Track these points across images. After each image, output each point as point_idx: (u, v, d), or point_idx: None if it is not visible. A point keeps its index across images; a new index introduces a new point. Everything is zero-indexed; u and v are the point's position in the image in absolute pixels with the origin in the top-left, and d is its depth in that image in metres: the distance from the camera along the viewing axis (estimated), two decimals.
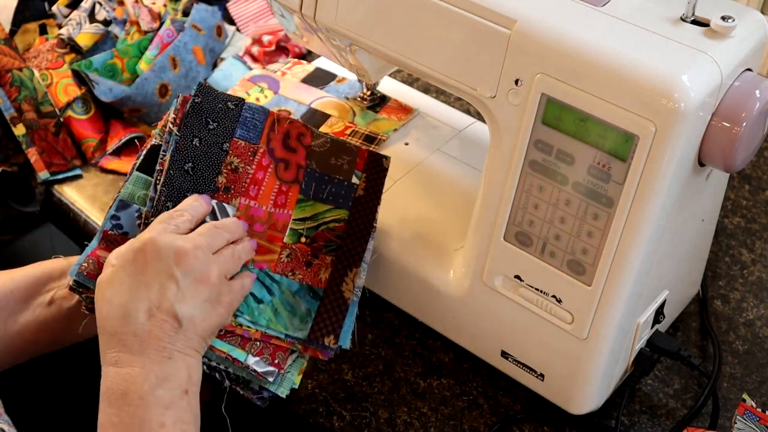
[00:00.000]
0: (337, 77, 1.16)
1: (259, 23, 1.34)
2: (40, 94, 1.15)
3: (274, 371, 0.85)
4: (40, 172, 1.13)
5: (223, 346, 0.84)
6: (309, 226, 0.91)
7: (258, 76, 1.16)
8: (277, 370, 0.85)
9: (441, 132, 1.10)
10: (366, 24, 0.90)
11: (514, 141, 0.82)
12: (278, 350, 0.86)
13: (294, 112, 1.10)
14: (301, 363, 0.88)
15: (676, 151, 0.74)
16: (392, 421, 0.93)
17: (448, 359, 0.98)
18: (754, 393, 0.95)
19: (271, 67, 1.21)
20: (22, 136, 1.13)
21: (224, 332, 0.85)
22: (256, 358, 0.85)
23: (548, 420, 0.93)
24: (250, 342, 0.85)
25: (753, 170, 1.22)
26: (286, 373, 0.86)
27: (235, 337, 0.85)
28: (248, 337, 0.85)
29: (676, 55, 0.75)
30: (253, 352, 0.85)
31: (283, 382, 0.86)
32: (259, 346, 0.86)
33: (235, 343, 0.84)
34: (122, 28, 1.26)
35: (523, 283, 0.87)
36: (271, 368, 0.85)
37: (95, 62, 1.20)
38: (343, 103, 1.11)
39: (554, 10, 0.79)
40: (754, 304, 1.05)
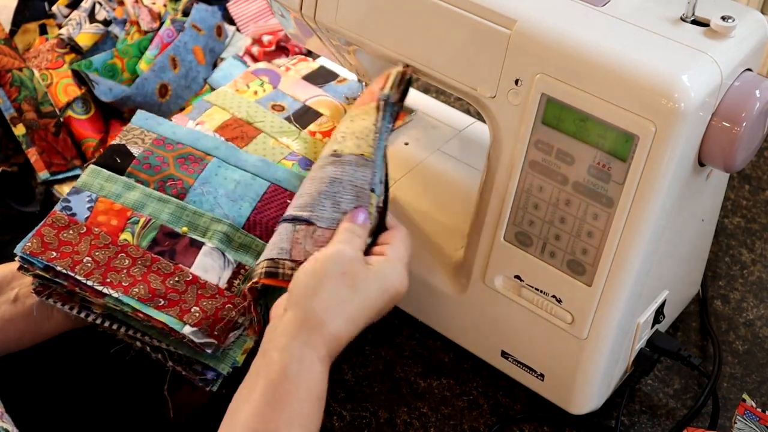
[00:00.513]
0: (338, 77, 1.17)
1: (259, 23, 1.34)
2: (40, 94, 1.15)
3: (212, 343, 0.83)
4: (40, 172, 1.13)
5: (161, 316, 0.83)
6: None
7: (262, 69, 1.16)
8: (216, 342, 0.83)
9: (441, 132, 1.10)
10: (366, 24, 0.90)
11: (514, 141, 0.82)
12: (218, 323, 0.84)
13: (288, 107, 1.10)
14: (245, 341, 0.86)
15: (676, 151, 0.74)
16: (392, 421, 0.93)
17: (448, 359, 0.98)
18: (754, 393, 0.95)
19: (277, 61, 1.21)
20: (22, 136, 1.13)
21: (163, 303, 0.84)
22: (193, 329, 0.83)
23: (548, 420, 0.93)
24: (189, 313, 0.84)
25: (753, 170, 1.22)
26: (228, 350, 0.84)
27: (173, 308, 0.84)
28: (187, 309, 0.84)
29: (676, 55, 0.75)
30: (191, 323, 0.83)
31: (225, 359, 0.84)
32: (198, 317, 0.84)
33: (173, 314, 0.83)
34: (122, 28, 1.26)
35: (523, 283, 0.87)
36: (209, 340, 0.83)
37: (95, 62, 1.20)
38: (337, 104, 1.11)
39: (554, 10, 0.79)
40: (754, 304, 1.05)
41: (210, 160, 0.92)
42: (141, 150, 0.92)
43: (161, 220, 0.88)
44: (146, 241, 0.87)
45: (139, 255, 0.86)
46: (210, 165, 0.92)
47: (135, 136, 0.93)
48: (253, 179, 0.91)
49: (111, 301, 0.83)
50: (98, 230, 0.86)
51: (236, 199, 0.90)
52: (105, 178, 0.90)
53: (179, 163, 0.91)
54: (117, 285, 0.84)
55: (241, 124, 1.06)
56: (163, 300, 0.84)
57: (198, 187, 0.90)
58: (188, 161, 0.92)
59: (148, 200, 0.89)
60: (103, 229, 0.87)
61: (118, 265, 0.85)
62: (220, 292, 0.85)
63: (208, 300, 0.85)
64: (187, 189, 0.90)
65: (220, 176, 0.91)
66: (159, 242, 0.87)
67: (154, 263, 0.86)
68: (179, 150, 0.92)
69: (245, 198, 0.90)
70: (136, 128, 0.94)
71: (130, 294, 0.83)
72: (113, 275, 0.84)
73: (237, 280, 0.87)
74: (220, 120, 1.07)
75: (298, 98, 1.12)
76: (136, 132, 0.94)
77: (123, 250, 0.86)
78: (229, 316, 0.85)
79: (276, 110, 1.09)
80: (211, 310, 0.84)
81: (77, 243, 0.86)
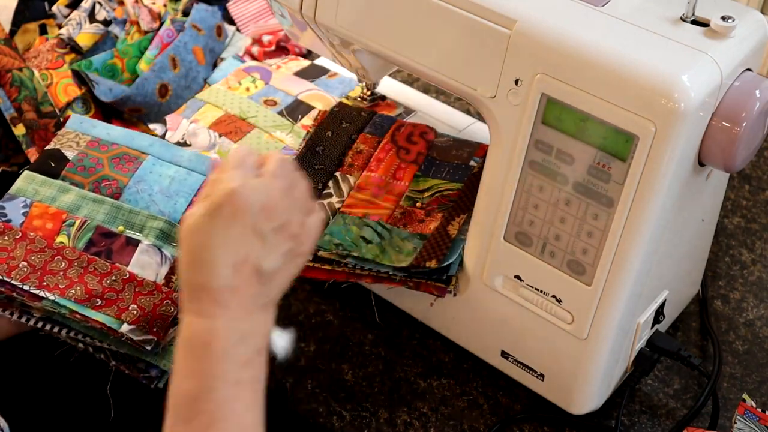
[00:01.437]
0: (329, 72, 1.17)
1: (259, 23, 1.34)
2: (40, 94, 1.15)
3: (152, 340, 0.83)
4: None
5: (98, 316, 0.83)
6: (425, 196, 0.97)
7: (253, 67, 1.17)
8: (155, 338, 0.83)
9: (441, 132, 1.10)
10: (366, 24, 0.90)
11: (514, 141, 0.82)
12: (157, 319, 0.84)
13: (281, 102, 1.10)
14: None
15: (676, 151, 0.74)
16: (392, 421, 0.93)
17: (448, 359, 0.98)
18: (754, 393, 0.95)
19: (269, 61, 1.22)
20: (22, 136, 1.13)
21: (100, 303, 0.84)
22: (131, 327, 0.83)
23: (548, 420, 0.93)
24: (127, 311, 0.84)
25: (753, 170, 1.22)
26: (170, 346, 0.84)
27: (111, 307, 0.84)
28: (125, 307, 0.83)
29: (676, 55, 0.75)
30: (128, 321, 0.83)
31: (166, 355, 0.84)
32: (136, 315, 0.84)
33: (111, 313, 0.84)
34: (122, 28, 1.25)
35: (523, 283, 0.87)
36: (148, 336, 0.83)
37: (95, 62, 1.20)
38: (329, 98, 1.12)
39: (554, 10, 0.79)
40: (754, 304, 1.05)
41: (145, 158, 0.93)
42: (75, 153, 0.92)
43: (97, 220, 0.88)
44: (82, 243, 0.87)
45: (76, 257, 0.86)
46: (145, 163, 0.92)
47: (69, 140, 0.94)
48: (188, 174, 0.92)
49: (48, 304, 0.84)
50: (33, 235, 0.87)
51: (171, 195, 0.90)
52: (39, 182, 0.90)
53: (114, 163, 0.92)
54: (53, 288, 0.84)
55: (234, 120, 1.07)
56: (101, 300, 0.84)
57: (133, 185, 0.90)
58: (123, 161, 0.92)
59: (83, 202, 0.89)
60: (39, 233, 0.87)
61: (55, 267, 0.85)
62: (158, 288, 0.86)
63: (146, 297, 0.85)
64: (122, 188, 0.90)
65: (155, 173, 0.92)
66: (95, 243, 0.88)
67: (90, 264, 0.86)
68: (114, 150, 0.93)
69: (180, 193, 0.91)
70: (70, 132, 0.95)
71: (67, 296, 0.84)
72: (50, 278, 0.84)
73: (174, 276, 0.88)
74: (213, 117, 1.07)
75: (291, 93, 1.12)
76: (70, 136, 0.94)
77: (59, 252, 0.86)
78: (167, 312, 0.85)
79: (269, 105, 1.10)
80: (149, 307, 0.85)
81: (13, 249, 0.86)
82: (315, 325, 1.01)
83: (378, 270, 0.91)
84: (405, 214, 0.96)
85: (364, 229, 0.94)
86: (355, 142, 1.03)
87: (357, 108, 1.08)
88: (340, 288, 1.02)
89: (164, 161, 0.93)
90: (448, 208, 0.96)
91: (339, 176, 0.99)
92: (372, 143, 1.02)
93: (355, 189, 0.98)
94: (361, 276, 0.92)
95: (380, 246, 0.92)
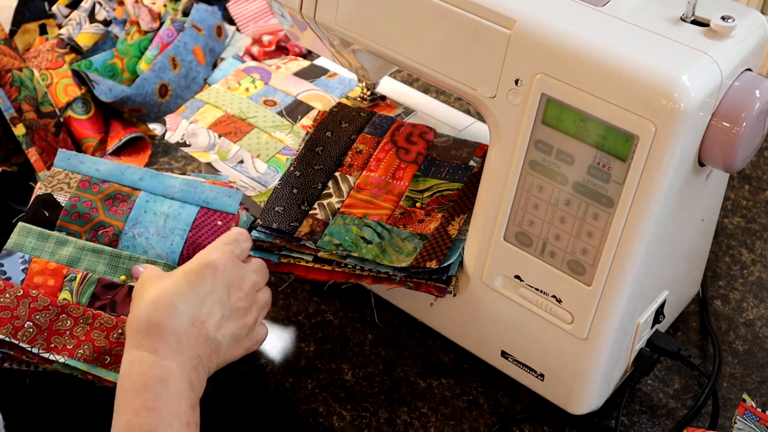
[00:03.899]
0: (328, 72, 1.17)
1: (259, 23, 1.34)
2: (40, 94, 1.15)
3: None
4: (40, 172, 1.13)
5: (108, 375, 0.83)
6: (425, 196, 0.97)
7: (252, 67, 1.17)
8: None
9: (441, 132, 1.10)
10: (366, 24, 0.90)
11: (514, 141, 0.82)
12: None
13: (280, 102, 1.10)
14: None
15: (676, 151, 0.74)
16: (392, 421, 0.93)
17: (448, 359, 0.98)
18: (754, 393, 0.95)
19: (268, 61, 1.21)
20: (22, 136, 1.13)
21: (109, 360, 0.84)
22: None
23: (548, 420, 0.93)
24: None
25: (753, 170, 1.22)
26: None
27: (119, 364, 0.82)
28: None
29: (676, 55, 0.75)
30: None
31: None
32: None
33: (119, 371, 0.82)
34: (122, 28, 1.26)
35: (523, 283, 0.87)
36: None
37: (95, 62, 1.20)
38: (329, 98, 1.12)
39: (554, 10, 0.79)
40: (754, 304, 1.05)
41: (137, 195, 0.91)
42: (67, 198, 0.91)
43: (98, 273, 0.87)
44: (86, 297, 0.86)
45: (80, 314, 0.85)
46: (138, 201, 0.91)
47: (60, 181, 0.92)
48: (182, 207, 0.91)
49: (59, 366, 0.83)
50: (36, 292, 0.85)
51: (167, 235, 0.90)
52: (36, 236, 0.89)
53: (107, 205, 0.90)
54: (62, 349, 0.83)
55: (234, 120, 1.06)
56: (109, 357, 0.84)
57: (128, 230, 0.90)
58: (116, 201, 0.91)
59: (82, 254, 0.88)
60: (41, 290, 0.86)
61: (61, 327, 0.84)
62: None
63: None
64: (119, 234, 0.89)
65: (149, 212, 0.91)
66: (99, 296, 0.87)
67: (96, 319, 0.85)
68: (105, 190, 0.91)
69: (176, 231, 0.90)
70: (59, 172, 0.93)
71: (76, 356, 0.83)
72: (57, 339, 0.84)
73: None
74: (213, 117, 1.07)
75: (290, 93, 1.12)
76: (60, 176, 0.92)
77: (64, 310, 0.85)
78: None
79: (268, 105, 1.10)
80: None
81: (15, 307, 0.84)
82: (315, 325, 1.01)
83: (378, 270, 0.91)
84: (405, 214, 0.96)
85: (363, 229, 0.94)
86: (355, 142, 1.03)
87: (356, 108, 1.08)
88: (340, 288, 1.02)
89: (156, 195, 0.92)
90: (448, 208, 0.96)
91: (339, 176, 0.99)
92: (371, 143, 1.02)
93: (354, 189, 0.98)
94: (361, 277, 0.92)
95: (380, 246, 0.92)
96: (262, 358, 0.98)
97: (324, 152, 1.01)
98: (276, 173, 1.00)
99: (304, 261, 0.93)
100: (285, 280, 1.02)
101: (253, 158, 1.02)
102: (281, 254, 0.93)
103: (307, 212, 0.96)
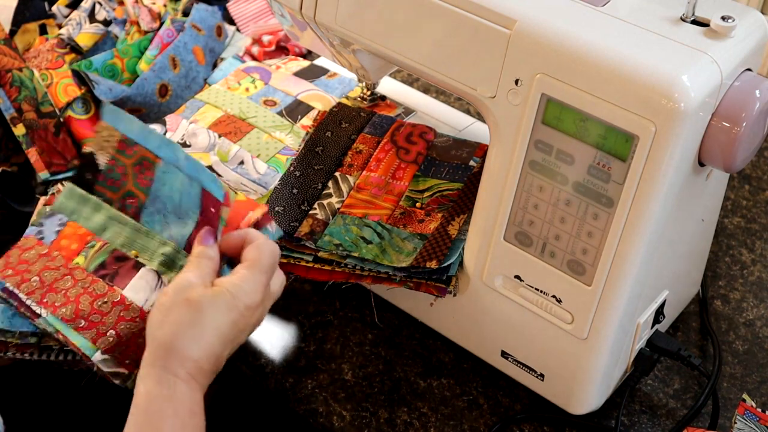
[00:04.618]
0: (328, 72, 1.17)
1: (259, 23, 1.34)
2: (40, 94, 1.15)
3: (121, 373, 0.82)
4: (40, 172, 1.13)
5: (77, 338, 0.82)
6: (425, 196, 0.98)
7: (252, 67, 1.17)
8: (126, 371, 0.83)
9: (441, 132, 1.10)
10: (366, 24, 0.90)
11: (514, 141, 0.82)
12: (132, 349, 0.83)
13: (280, 102, 1.10)
14: None
15: (676, 151, 0.74)
16: (392, 421, 0.93)
17: (448, 359, 0.98)
18: (754, 393, 0.95)
19: (268, 61, 1.22)
20: (22, 136, 1.13)
21: (83, 324, 0.83)
22: (104, 356, 0.82)
23: (548, 420, 0.93)
24: (104, 337, 0.83)
25: (753, 170, 1.22)
26: None
27: (90, 330, 0.83)
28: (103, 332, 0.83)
29: (676, 55, 0.75)
30: (102, 348, 0.82)
31: None
32: (112, 342, 0.82)
33: (88, 337, 0.83)
34: (122, 28, 1.25)
35: (523, 283, 0.87)
36: (118, 369, 0.82)
37: (95, 62, 1.20)
38: (329, 98, 1.12)
39: (554, 10, 0.79)
40: (754, 304, 1.05)
41: (157, 164, 0.90)
42: (106, 160, 0.90)
43: (116, 244, 0.88)
44: (94, 265, 0.86)
45: (82, 278, 0.86)
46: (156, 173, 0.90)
47: (103, 139, 0.91)
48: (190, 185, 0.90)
49: (42, 322, 0.83)
50: (56, 253, 0.87)
51: (182, 216, 0.89)
52: (77, 199, 0.90)
53: (136, 172, 0.90)
54: (50, 305, 0.84)
55: (234, 120, 1.07)
56: (84, 321, 0.83)
57: (149, 204, 0.89)
58: (143, 168, 0.90)
59: (110, 223, 0.88)
60: (62, 252, 0.87)
61: (60, 286, 0.85)
62: (141, 316, 0.84)
63: (127, 323, 0.84)
64: (141, 208, 0.89)
65: (167, 186, 0.90)
66: (106, 266, 0.87)
67: (91, 285, 0.85)
68: (136, 155, 0.91)
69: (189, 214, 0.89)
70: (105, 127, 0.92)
71: (57, 314, 0.83)
72: (51, 296, 0.84)
73: None
74: (213, 117, 1.07)
75: (290, 93, 1.13)
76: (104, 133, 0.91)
77: (70, 272, 0.86)
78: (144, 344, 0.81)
79: (268, 105, 1.10)
80: (128, 336, 0.83)
81: (33, 263, 0.86)
82: (315, 325, 1.01)
83: (378, 270, 0.91)
84: (405, 214, 0.96)
85: (363, 229, 0.94)
86: (355, 142, 1.03)
87: (356, 108, 1.08)
88: (340, 288, 1.02)
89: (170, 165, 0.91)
90: (448, 208, 0.96)
91: (339, 176, 0.99)
92: (371, 143, 1.02)
93: (354, 189, 0.98)
94: (361, 277, 0.92)
95: (380, 246, 0.92)
96: (262, 358, 0.98)
97: (324, 152, 1.01)
98: (276, 173, 1.00)
99: (304, 261, 0.93)
100: None
101: (253, 158, 1.02)
102: (281, 254, 0.93)
103: (307, 212, 0.96)
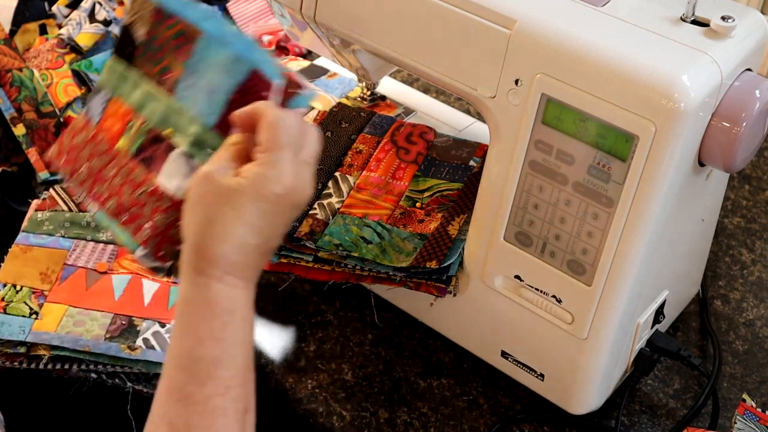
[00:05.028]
0: (328, 72, 1.17)
1: (259, 23, 1.34)
2: (40, 94, 1.15)
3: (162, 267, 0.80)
4: (40, 172, 1.13)
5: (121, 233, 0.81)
6: (425, 196, 0.98)
7: None
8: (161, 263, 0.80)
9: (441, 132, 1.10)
10: (366, 24, 0.90)
11: (514, 141, 0.82)
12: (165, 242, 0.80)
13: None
14: None
15: (676, 151, 0.74)
16: (392, 421, 0.93)
17: (448, 359, 0.98)
18: (754, 393, 0.95)
19: None
20: (22, 136, 1.13)
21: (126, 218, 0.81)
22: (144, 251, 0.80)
23: (548, 420, 0.93)
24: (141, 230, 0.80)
25: (753, 170, 1.22)
26: None
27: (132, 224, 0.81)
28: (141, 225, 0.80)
29: (676, 55, 0.75)
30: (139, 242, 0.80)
31: None
32: (147, 235, 0.80)
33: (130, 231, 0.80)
34: None
35: (523, 283, 0.87)
36: (157, 264, 0.80)
37: (95, 62, 1.20)
38: (329, 98, 1.12)
39: (554, 10, 0.79)
40: (754, 304, 1.05)
41: (198, 37, 0.84)
42: (143, 32, 0.86)
43: (152, 122, 0.83)
44: (135, 147, 0.83)
45: (123, 164, 0.83)
46: (196, 47, 0.84)
47: (136, 9, 0.87)
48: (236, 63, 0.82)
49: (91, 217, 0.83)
50: (102, 136, 0.84)
51: (215, 90, 0.82)
52: (119, 75, 0.86)
53: (173, 46, 0.85)
54: (98, 197, 0.83)
55: None
56: (127, 215, 0.81)
57: (185, 78, 0.84)
58: (180, 42, 0.85)
59: (148, 98, 0.85)
60: (107, 134, 0.84)
61: (105, 174, 0.83)
62: (174, 206, 0.79)
63: (162, 215, 0.80)
64: (177, 82, 0.84)
65: (208, 61, 0.83)
66: (144, 148, 0.83)
67: (131, 173, 0.82)
68: (174, 27, 0.86)
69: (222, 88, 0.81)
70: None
71: (105, 209, 0.82)
72: (98, 186, 0.83)
73: None
74: None
75: None
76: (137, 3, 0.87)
77: (113, 158, 0.83)
78: (176, 236, 0.78)
79: None
80: (162, 227, 0.79)
81: (83, 148, 0.84)
82: (315, 325, 1.01)
83: (378, 270, 0.91)
84: (405, 214, 0.96)
85: (363, 229, 0.94)
86: (355, 142, 1.03)
87: (356, 108, 1.08)
88: (340, 288, 1.02)
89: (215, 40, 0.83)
90: (448, 208, 0.96)
91: (338, 176, 0.99)
92: (371, 143, 1.02)
93: (354, 189, 0.98)
94: (361, 277, 0.92)
95: (380, 246, 0.92)
96: (262, 358, 0.98)
97: (324, 152, 1.01)
98: None
99: (304, 261, 0.93)
100: (285, 280, 1.02)
101: None
102: (281, 254, 0.93)
103: (307, 212, 0.96)
